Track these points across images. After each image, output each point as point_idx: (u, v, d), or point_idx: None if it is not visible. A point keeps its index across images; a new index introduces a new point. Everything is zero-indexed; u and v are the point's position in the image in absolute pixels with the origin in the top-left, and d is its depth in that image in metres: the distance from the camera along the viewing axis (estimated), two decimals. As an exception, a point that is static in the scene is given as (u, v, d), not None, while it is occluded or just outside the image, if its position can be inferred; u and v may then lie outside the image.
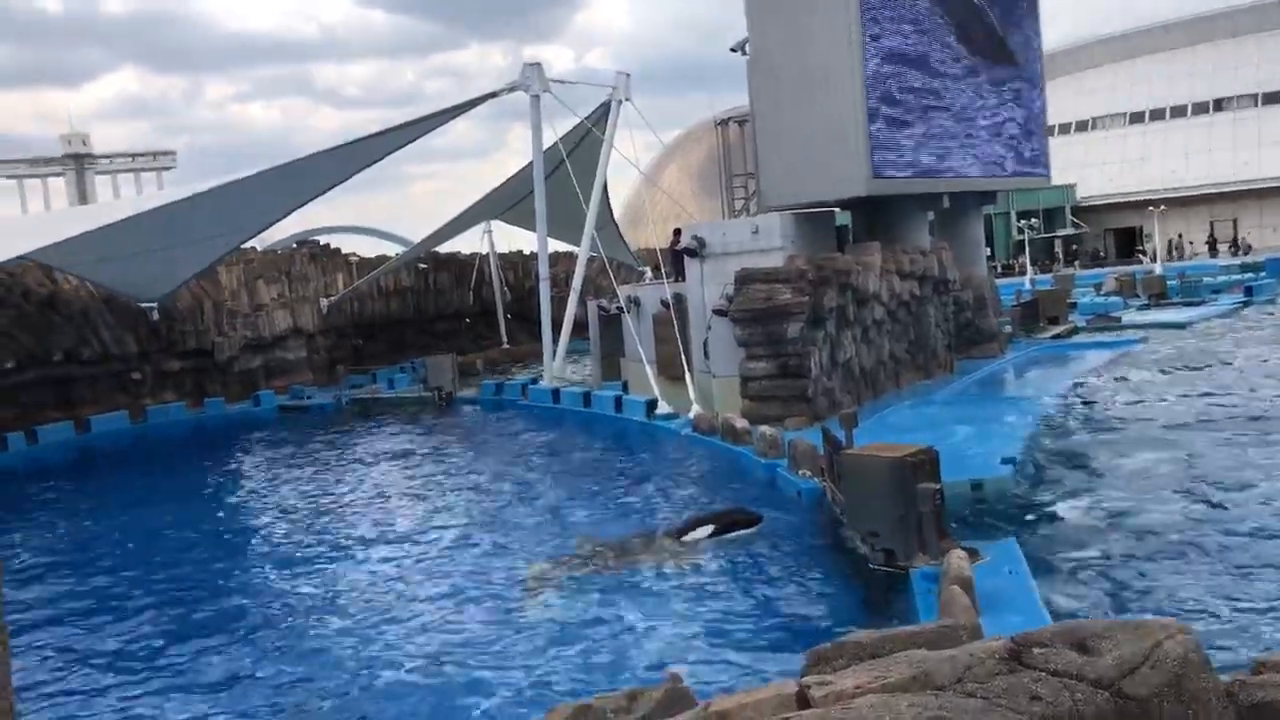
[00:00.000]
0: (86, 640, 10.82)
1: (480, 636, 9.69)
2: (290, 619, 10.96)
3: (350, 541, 14.17)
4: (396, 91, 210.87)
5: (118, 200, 67.48)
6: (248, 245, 31.69)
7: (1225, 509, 11.88)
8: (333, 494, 17.67)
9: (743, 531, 12.16)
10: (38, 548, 15.29)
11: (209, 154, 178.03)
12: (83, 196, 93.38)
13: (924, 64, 22.49)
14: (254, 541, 15.23)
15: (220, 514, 17.34)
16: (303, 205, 27.99)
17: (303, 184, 25.20)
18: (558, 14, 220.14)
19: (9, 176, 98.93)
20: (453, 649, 9.43)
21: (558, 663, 8.86)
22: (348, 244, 42.46)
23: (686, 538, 12.09)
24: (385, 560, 12.97)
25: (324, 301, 34.58)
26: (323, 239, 43.27)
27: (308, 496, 17.71)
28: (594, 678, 8.49)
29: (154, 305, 28.52)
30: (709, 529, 12.16)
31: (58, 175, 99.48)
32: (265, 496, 18.35)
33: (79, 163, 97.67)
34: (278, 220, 29.91)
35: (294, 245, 40.69)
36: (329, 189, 27.28)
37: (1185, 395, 19.35)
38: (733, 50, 22.91)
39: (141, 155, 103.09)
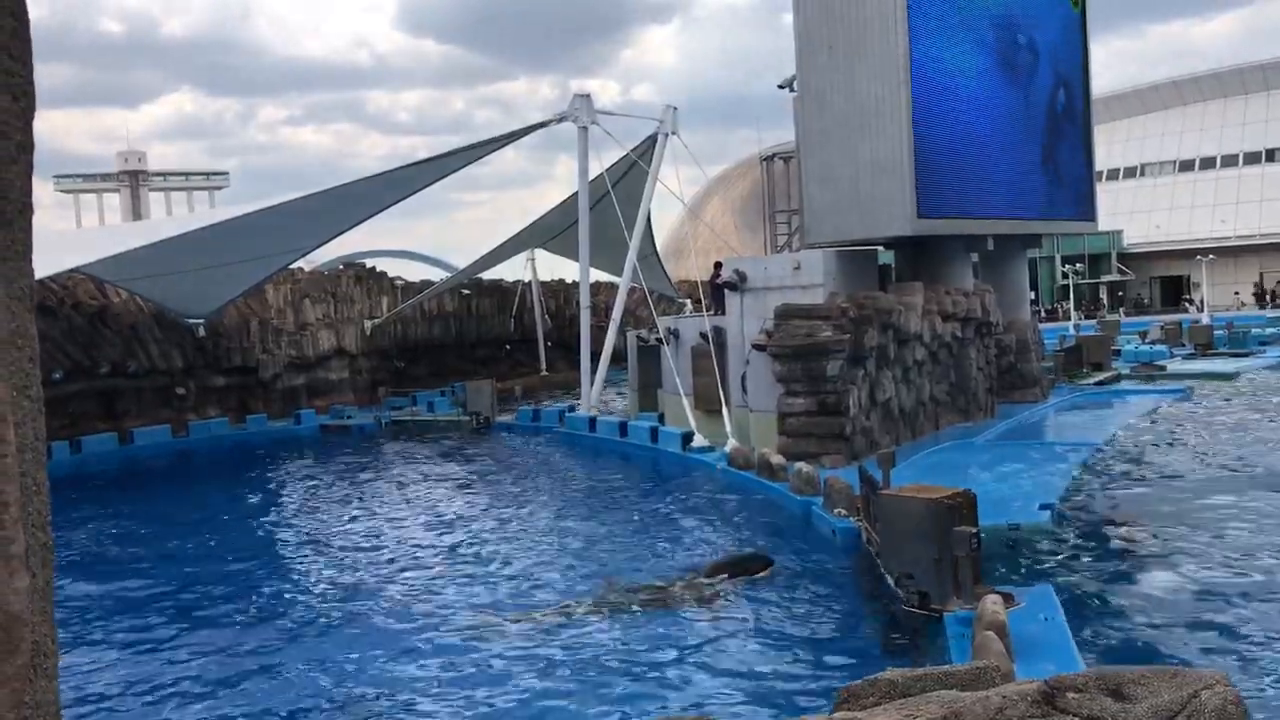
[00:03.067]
0: (106, 652, 10.95)
1: (503, 668, 9.68)
2: (311, 638, 11.01)
3: (373, 563, 14.25)
4: (445, 120, 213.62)
5: (170, 217, 68.67)
6: (295, 265, 32.11)
7: (1269, 562, 11.67)
8: (364, 515, 17.77)
9: (757, 577, 12.04)
10: (71, 553, 15.49)
11: (260, 175, 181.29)
12: (136, 212, 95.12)
13: (972, 105, 22.47)
14: (285, 555, 15.35)
15: (254, 528, 17.50)
16: (352, 228, 28.37)
17: (352, 207, 25.54)
18: (606, 48, 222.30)
19: (66, 191, 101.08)
20: (471, 679, 9.43)
21: (584, 699, 8.85)
22: (393, 268, 42.85)
23: (702, 580, 12.00)
24: (406, 584, 13.01)
25: (368, 323, 34.92)
26: (369, 262, 43.73)
27: (340, 515, 17.82)
28: (624, 714, 8.48)
29: (201, 322, 28.96)
30: (723, 577, 12.05)
31: (113, 191, 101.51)
32: (300, 513, 18.49)
33: (134, 179, 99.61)
34: (327, 241, 30.33)
35: (340, 267, 41.14)
36: (378, 212, 27.65)
37: (1227, 447, 19.07)
38: (780, 87, 23.04)
39: (195, 174, 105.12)
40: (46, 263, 21.68)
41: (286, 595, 13.00)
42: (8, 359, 1.55)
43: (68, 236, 33.44)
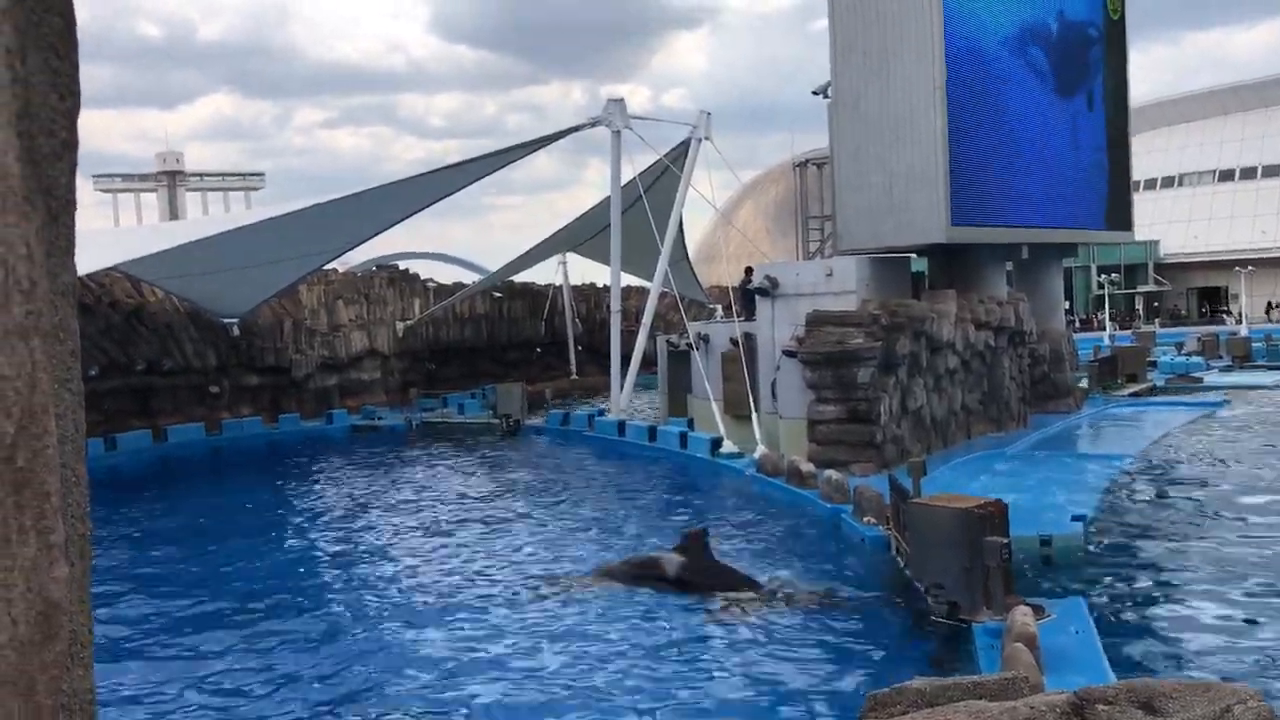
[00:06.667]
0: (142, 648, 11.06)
1: (524, 654, 9.72)
2: (349, 641, 11.08)
3: (397, 560, 14.33)
4: (478, 123, 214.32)
5: (206, 217, 69.35)
6: (329, 266, 32.36)
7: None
8: (390, 513, 17.87)
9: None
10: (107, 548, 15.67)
11: (296, 177, 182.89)
12: (173, 212, 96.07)
13: (1008, 112, 22.33)
14: (314, 553, 15.45)
15: (284, 524, 17.63)
16: (386, 229, 28.54)
17: (386, 209, 25.71)
18: (637, 53, 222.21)
19: (105, 190, 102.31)
20: (500, 677, 9.46)
21: (593, 699, 8.86)
22: (426, 270, 43.05)
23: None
24: (424, 580, 13.08)
25: (400, 325, 35.12)
26: (402, 264, 43.99)
27: (364, 513, 17.94)
28: (648, 714, 8.48)
29: (235, 321, 29.22)
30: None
31: (150, 191, 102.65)
32: (329, 510, 18.59)
33: (171, 180, 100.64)
34: (361, 243, 30.52)
35: (373, 268, 41.38)
36: (412, 214, 27.81)
37: (1263, 461, 18.81)
38: (815, 93, 22.96)
39: (231, 175, 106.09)
40: (85, 261, 21.85)
41: (313, 592, 13.09)
42: (51, 351, 1.58)
43: (106, 235, 33.83)
